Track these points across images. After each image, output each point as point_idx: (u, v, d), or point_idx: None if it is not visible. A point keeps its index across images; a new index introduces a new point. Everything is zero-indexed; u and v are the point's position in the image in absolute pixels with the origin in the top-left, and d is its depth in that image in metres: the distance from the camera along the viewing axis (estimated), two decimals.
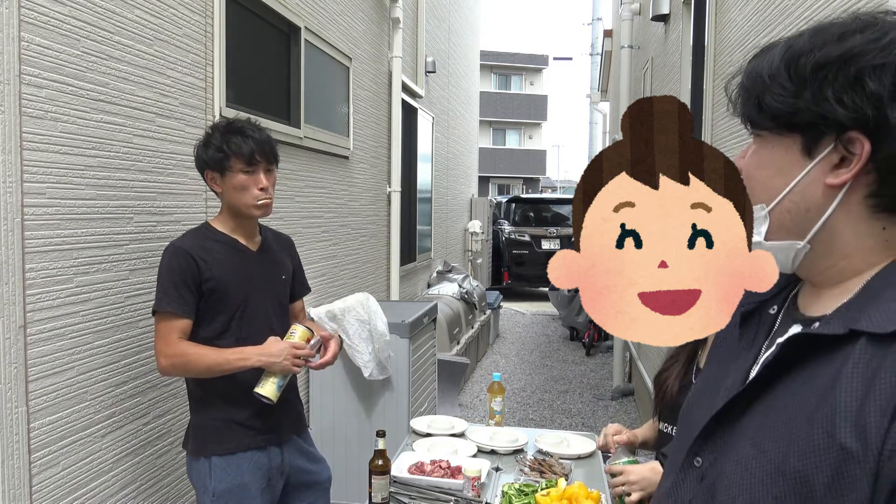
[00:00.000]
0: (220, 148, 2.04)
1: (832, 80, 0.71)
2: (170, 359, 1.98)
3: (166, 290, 1.99)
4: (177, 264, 1.99)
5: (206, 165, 2.08)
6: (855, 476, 0.64)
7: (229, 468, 2.06)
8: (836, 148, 0.73)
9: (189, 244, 2.03)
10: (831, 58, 0.71)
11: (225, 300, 2.05)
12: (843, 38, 0.72)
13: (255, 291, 2.11)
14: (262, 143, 2.09)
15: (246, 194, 2.07)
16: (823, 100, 0.72)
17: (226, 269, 2.06)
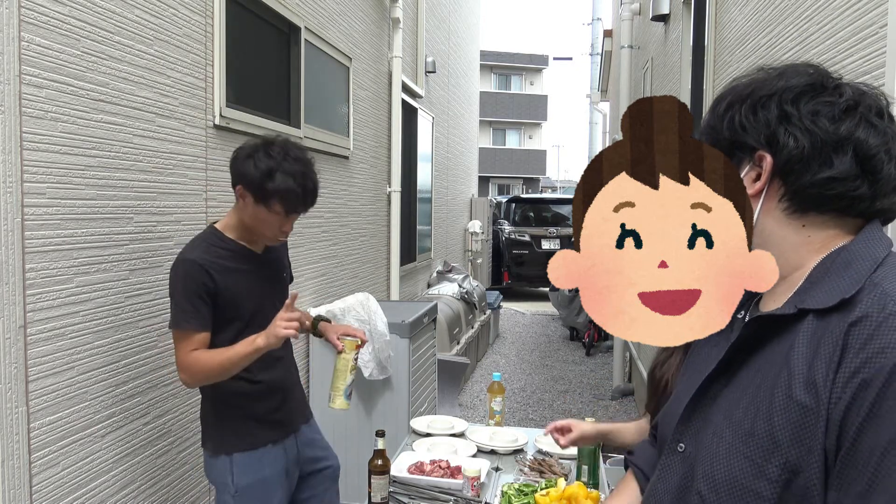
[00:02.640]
0: (268, 176, 1.94)
1: (737, 112, 0.91)
2: (187, 371, 1.97)
3: (183, 307, 1.95)
4: (192, 280, 1.96)
5: (243, 181, 1.98)
6: (812, 425, 0.77)
7: (251, 464, 2.08)
8: (752, 167, 0.90)
9: (202, 257, 1.98)
10: (737, 97, 0.92)
11: (238, 309, 2.04)
12: (748, 83, 0.93)
13: (264, 295, 2.11)
14: (310, 195, 2.04)
15: (268, 230, 2.03)
16: (733, 129, 0.91)
17: (238, 280, 2.03)
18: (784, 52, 2.36)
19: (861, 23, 1.72)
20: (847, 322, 0.77)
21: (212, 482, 2.16)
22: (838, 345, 0.77)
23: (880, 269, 0.81)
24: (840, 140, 0.85)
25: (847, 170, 0.84)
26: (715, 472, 0.86)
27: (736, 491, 0.83)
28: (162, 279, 2.44)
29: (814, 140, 0.85)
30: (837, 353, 0.77)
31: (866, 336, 0.76)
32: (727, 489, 0.84)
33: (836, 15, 1.88)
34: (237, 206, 2.06)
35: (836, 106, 0.86)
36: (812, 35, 2.08)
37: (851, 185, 0.85)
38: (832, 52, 1.86)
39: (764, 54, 2.60)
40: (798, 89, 0.88)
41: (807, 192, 0.87)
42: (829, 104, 0.86)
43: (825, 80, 0.89)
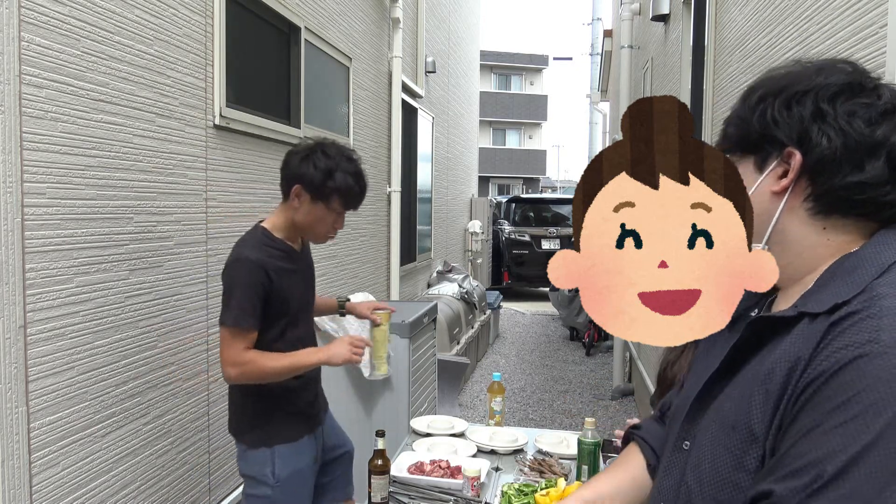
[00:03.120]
0: (328, 174, 2.05)
1: (770, 106, 0.88)
2: (240, 367, 2.00)
3: (243, 305, 1.99)
4: (253, 280, 2.00)
5: (301, 181, 2.07)
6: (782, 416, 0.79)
7: (291, 455, 2.15)
8: (779, 162, 0.88)
9: (261, 258, 2.03)
10: (771, 90, 0.89)
11: (287, 307, 2.11)
12: (781, 76, 0.90)
13: (305, 292, 2.22)
14: (363, 191, 2.16)
15: (321, 228, 2.14)
16: (765, 123, 0.88)
17: (289, 279, 2.11)
18: (784, 52, 2.36)
19: (861, 23, 1.72)
20: (829, 322, 0.78)
21: (246, 474, 2.17)
22: (814, 343, 0.77)
23: (885, 276, 0.80)
24: (875, 144, 0.83)
25: (879, 175, 0.83)
26: (701, 463, 0.88)
27: (718, 482, 0.84)
28: (162, 279, 2.44)
29: (848, 141, 0.83)
30: (810, 351, 0.77)
31: (838, 333, 0.76)
32: (710, 480, 0.85)
33: (836, 15, 1.88)
34: (288, 206, 2.12)
35: (873, 108, 0.84)
36: (812, 35, 2.08)
37: (881, 190, 0.83)
38: (832, 52, 1.86)
39: (764, 54, 2.60)
40: (836, 87, 0.85)
41: (835, 194, 0.85)
42: (866, 106, 0.84)
43: (864, 80, 0.86)
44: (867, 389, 0.71)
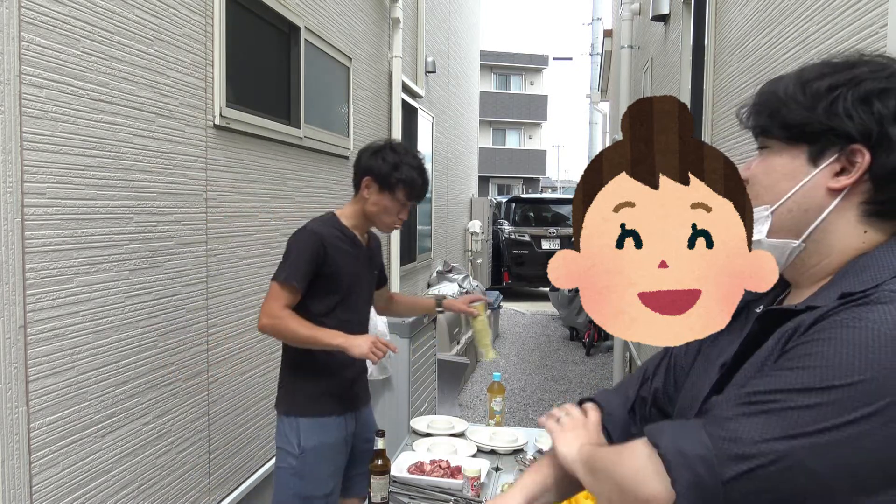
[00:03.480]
0: (395, 167, 2.26)
1: (843, 98, 0.81)
2: (272, 319, 2.16)
3: (297, 265, 2.19)
4: (310, 247, 2.21)
5: (371, 173, 2.28)
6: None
7: (316, 429, 2.29)
8: (839, 158, 0.82)
9: (323, 231, 2.27)
10: (843, 80, 0.82)
11: (337, 285, 2.28)
12: (851, 66, 0.84)
13: (359, 281, 2.36)
14: (425, 187, 2.36)
15: (388, 217, 2.34)
16: (834, 115, 0.82)
17: (344, 260, 2.29)
18: (784, 52, 2.36)
19: (861, 23, 1.72)
20: (820, 312, 0.78)
21: (278, 446, 2.33)
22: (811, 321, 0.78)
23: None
24: None
25: None
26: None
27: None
28: (162, 279, 2.44)
29: None
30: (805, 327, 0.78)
31: (834, 312, 0.76)
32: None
33: (836, 15, 1.88)
34: (358, 198, 2.34)
35: None
36: (812, 35, 2.08)
37: None
38: (832, 52, 1.86)
39: (764, 54, 2.60)
40: None
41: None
42: None
43: None
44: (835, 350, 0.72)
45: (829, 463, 0.69)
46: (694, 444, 0.74)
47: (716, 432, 0.73)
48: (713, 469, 0.71)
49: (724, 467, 0.71)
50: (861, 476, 0.70)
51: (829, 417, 0.69)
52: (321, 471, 2.29)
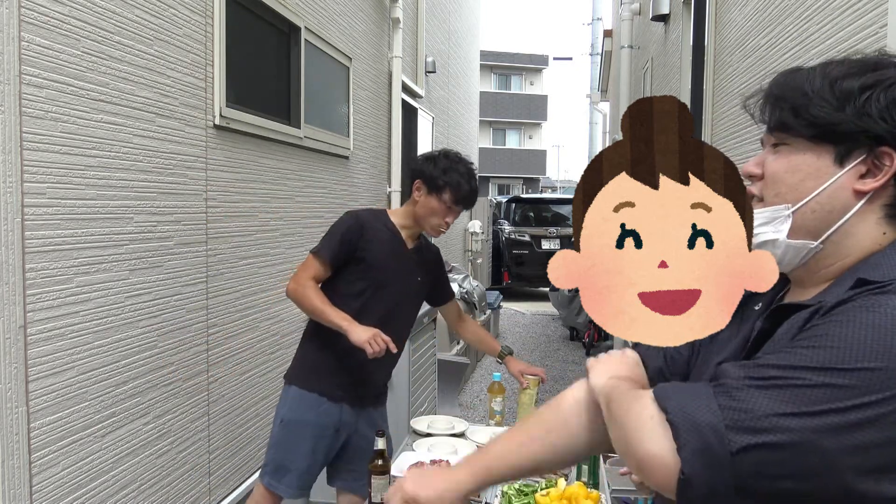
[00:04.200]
0: (445, 171, 2.35)
1: (875, 99, 0.80)
2: (296, 285, 2.28)
3: (332, 241, 2.31)
4: (348, 227, 2.32)
5: (422, 176, 2.37)
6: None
7: (301, 402, 2.35)
8: (866, 159, 0.82)
9: (367, 218, 2.38)
10: (874, 81, 0.81)
11: (368, 272, 2.34)
12: (878, 67, 0.82)
13: (394, 279, 2.39)
14: (472, 194, 2.42)
15: (434, 219, 2.40)
16: (866, 115, 0.80)
17: (380, 250, 2.35)
18: (784, 52, 2.36)
19: (861, 23, 1.72)
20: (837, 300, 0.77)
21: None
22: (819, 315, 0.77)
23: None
24: None
25: None
26: None
27: None
28: (162, 279, 2.44)
29: None
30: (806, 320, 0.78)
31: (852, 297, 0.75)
32: None
33: (836, 15, 1.88)
34: (410, 200, 2.44)
35: None
36: (812, 35, 2.08)
37: None
38: (832, 52, 1.86)
39: (764, 54, 2.60)
40: None
41: None
42: None
43: None
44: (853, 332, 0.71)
45: (840, 444, 0.68)
46: (704, 412, 0.72)
47: (727, 402, 0.72)
48: (722, 439, 0.70)
49: (734, 438, 0.70)
50: (872, 458, 0.69)
51: (843, 398, 0.69)
52: (297, 446, 2.33)
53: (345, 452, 2.46)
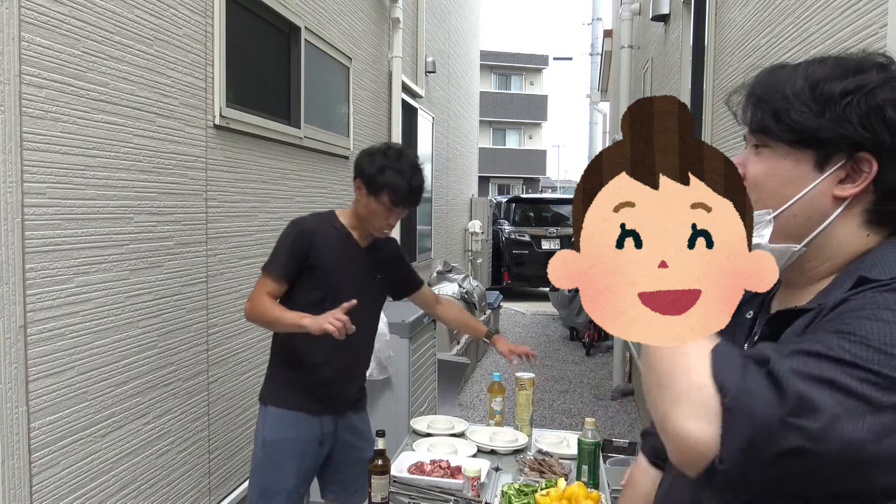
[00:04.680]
0: (382, 170, 2.23)
1: (856, 105, 0.80)
2: (252, 302, 2.21)
3: (278, 256, 2.25)
4: (295, 237, 2.25)
5: (361, 175, 2.27)
6: None
7: (282, 421, 2.29)
8: (845, 165, 0.82)
9: (312, 224, 2.29)
10: (854, 86, 0.80)
11: (324, 280, 2.26)
12: (860, 70, 0.82)
13: (350, 281, 2.30)
14: (414, 193, 2.31)
15: (375, 220, 2.30)
16: (846, 122, 0.80)
17: (332, 255, 2.28)
18: (784, 52, 2.36)
19: (861, 23, 1.72)
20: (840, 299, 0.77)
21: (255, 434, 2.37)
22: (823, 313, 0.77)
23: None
24: None
25: None
26: None
27: None
28: (162, 279, 2.44)
29: None
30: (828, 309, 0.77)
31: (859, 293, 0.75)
32: None
33: (836, 15, 1.89)
34: (355, 198, 2.33)
35: None
36: (812, 35, 2.08)
37: None
38: (832, 52, 1.86)
39: (764, 54, 2.60)
40: None
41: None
42: None
43: None
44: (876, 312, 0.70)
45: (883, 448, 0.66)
46: (761, 403, 0.67)
47: (783, 397, 0.67)
48: (773, 437, 0.66)
49: (786, 438, 0.66)
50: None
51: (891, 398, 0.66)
52: (283, 465, 2.28)
53: (329, 463, 2.42)
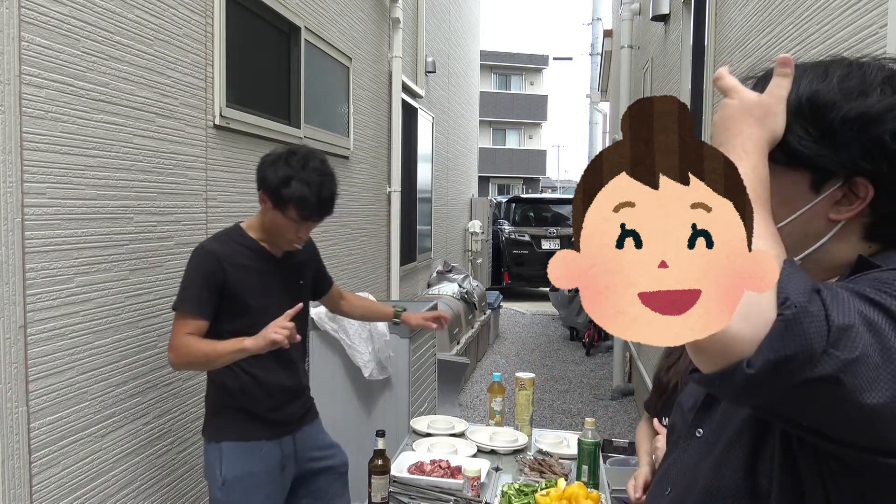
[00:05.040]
0: (286, 182, 2.01)
1: (857, 134, 0.80)
2: (175, 351, 2.02)
3: (188, 290, 2.04)
4: (202, 268, 2.04)
5: (264, 186, 2.06)
6: None
7: (240, 455, 2.11)
8: (842, 187, 0.83)
9: (218, 249, 2.07)
10: (855, 115, 0.80)
11: (246, 305, 2.08)
12: (864, 92, 0.81)
13: (275, 297, 2.13)
14: (324, 204, 2.08)
15: (283, 235, 2.11)
16: (845, 149, 0.80)
17: (249, 277, 2.09)
18: (784, 52, 2.36)
19: (861, 23, 1.72)
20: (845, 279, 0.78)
21: (206, 477, 2.18)
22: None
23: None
24: None
25: None
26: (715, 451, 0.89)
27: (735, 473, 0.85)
28: (162, 279, 2.44)
29: None
30: None
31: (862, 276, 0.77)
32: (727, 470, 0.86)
33: (836, 15, 1.89)
34: (261, 209, 2.13)
35: None
36: (812, 35, 2.08)
37: None
38: (832, 52, 1.86)
39: (764, 54, 2.60)
40: None
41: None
42: None
43: None
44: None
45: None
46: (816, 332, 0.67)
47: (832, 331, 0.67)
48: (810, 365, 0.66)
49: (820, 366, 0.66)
50: None
51: None
52: (250, 502, 2.11)
53: (301, 483, 2.31)
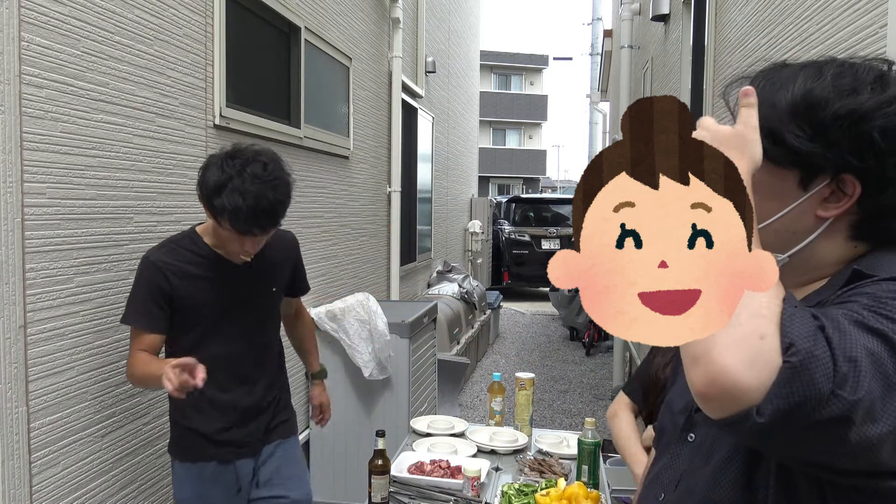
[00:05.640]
0: (219, 190, 1.80)
1: (846, 130, 0.81)
2: (128, 368, 1.97)
3: (136, 305, 1.93)
4: (146, 280, 1.92)
5: (199, 192, 1.88)
6: None
7: (189, 476, 2.06)
8: (829, 184, 0.83)
9: (162, 259, 1.92)
10: (846, 112, 0.81)
11: (197, 316, 1.96)
12: (855, 90, 0.82)
13: (233, 307, 2.01)
14: (261, 215, 1.81)
15: (227, 246, 1.96)
16: (835, 146, 0.81)
17: (199, 286, 1.95)
18: (784, 52, 2.36)
19: (861, 23, 1.72)
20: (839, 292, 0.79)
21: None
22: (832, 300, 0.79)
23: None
24: None
25: None
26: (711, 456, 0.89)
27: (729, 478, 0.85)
28: None
29: None
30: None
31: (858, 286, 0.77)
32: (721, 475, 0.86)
33: (836, 15, 1.89)
34: None
35: None
36: (812, 35, 2.08)
37: None
38: (832, 52, 1.86)
39: (764, 54, 2.60)
40: None
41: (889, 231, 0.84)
42: None
43: None
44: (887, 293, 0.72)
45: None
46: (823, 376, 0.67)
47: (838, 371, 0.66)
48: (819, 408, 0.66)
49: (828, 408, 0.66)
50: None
51: None
52: None
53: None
